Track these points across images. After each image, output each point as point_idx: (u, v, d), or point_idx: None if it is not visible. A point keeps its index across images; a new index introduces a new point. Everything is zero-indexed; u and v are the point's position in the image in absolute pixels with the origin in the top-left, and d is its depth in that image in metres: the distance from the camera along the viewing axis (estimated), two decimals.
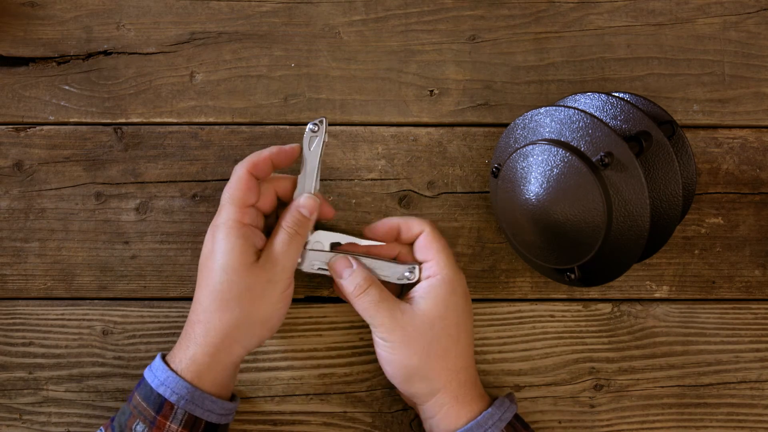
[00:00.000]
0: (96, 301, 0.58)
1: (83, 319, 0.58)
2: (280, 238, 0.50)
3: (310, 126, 0.52)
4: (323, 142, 0.52)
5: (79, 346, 0.57)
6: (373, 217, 0.59)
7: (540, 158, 0.49)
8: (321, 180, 0.58)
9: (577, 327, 0.58)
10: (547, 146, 0.49)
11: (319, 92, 0.59)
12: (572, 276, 0.52)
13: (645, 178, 0.47)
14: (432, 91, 0.59)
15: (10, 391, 0.57)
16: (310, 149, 0.52)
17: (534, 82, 0.60)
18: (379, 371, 0.57)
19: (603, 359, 0.58)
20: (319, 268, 0.52)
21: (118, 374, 0.57)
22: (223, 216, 0.49)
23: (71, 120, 0.59)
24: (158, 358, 0.49)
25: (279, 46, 0.60)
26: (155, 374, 0.48)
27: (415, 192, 0.59)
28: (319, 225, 0.54)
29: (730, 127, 0.60)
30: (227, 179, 0.58)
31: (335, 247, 0.53)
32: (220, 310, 0.48)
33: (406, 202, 0.59)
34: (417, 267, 0.52)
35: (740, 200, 0.59)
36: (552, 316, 0.58)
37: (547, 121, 0.51)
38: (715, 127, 0.60)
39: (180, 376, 0.48)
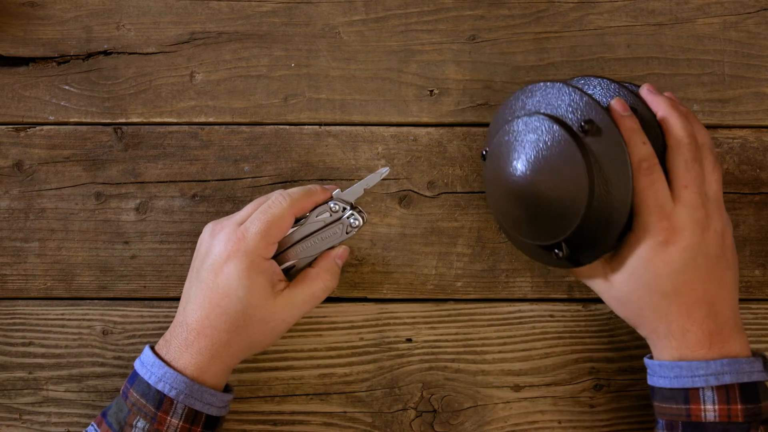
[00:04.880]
0: (96, 301, 0.58)
1: (83, 319, 0.58)
2: (318, 287, 0.51)
3: (331, 204, 0.51)
4: (346, 233, 0.51)
5: (79, 346, 0.57)
6: (373, 217, 0.59)
7: (522, 130, 0.50)
8: (321, 180, 0.58)
9: (577, 327, 0.58)
10: (528, 118, 0.49)
11: (319, 92, 0.59)
12: (560, 253, 0.51)
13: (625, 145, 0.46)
14: (432, 91, 0.59)
15: (10, 391, 0.57)
16: (316, 216, 0.51)
17: (534, 83, 0.59)
18: (379, 371, 0.57)
19: (603, 359, 0.58)
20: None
21: (118, 374, 0.57)
22: (250, 246, 0.48)
23: (71, 120, 0.59)
24: (149, 352, 0.49)
25: (279, 46, 0.60)
26: (150, 370, 0.48)
27: (415, 192, 0.59)
28: None
29: (730, 127, 0.60)
30: (227, 179, 0.59)
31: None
32: (230, 333, 0.48)
33: (406, 202, 0.59)
34: (348, 208, 0.51)
35: (740, 200, 0.59)
36: (552, 316, 0.58)
37: (528, 98, 0.51)
38: (715, 127, 0.60)
39: (178, 370, 0.48)
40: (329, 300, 0.58)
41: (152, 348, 0.50)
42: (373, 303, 0.58)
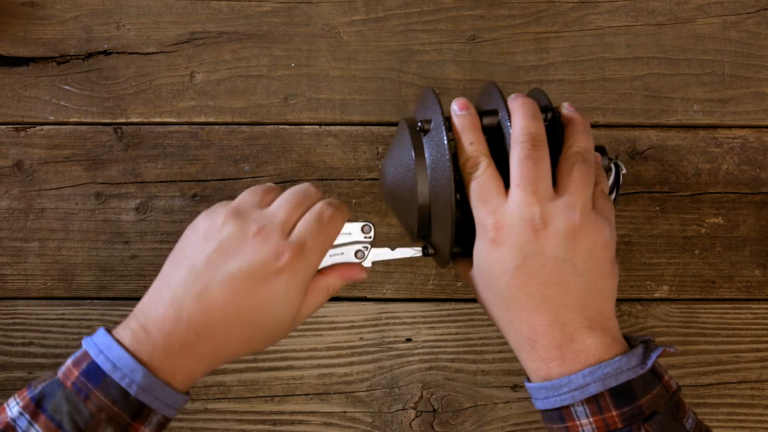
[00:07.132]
0: (96, 300, 0.58)
1: (83, 319, 0.58)
2: (318, 299, 0.47)
3: (364, 224, 0.48)
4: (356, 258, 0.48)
5: (78, 346, 0.57)
6: (373, 216, 0.59)
7: (396, 133, 0.51)
8: (321, 180, 0.58)
9: None
10: (400, 121, 0.50)
11: (319, 92, 0.59)
12: (427, 250, 0.51)
13: (449, 142, 0.46)
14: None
15: (10, 391, 0.57)
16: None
17: (534, 82, 0.60)
18: (379, 371, 0.57)
19: None
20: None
21: None
22: (307, 264, 0.44)
23: (71, 120, 0.59)
24: (133, 361, 0.42)
25: (279, 46, 0.60)
26: (130, 376, 0.41)
27: None
28: None
29: (730, 127, 0.60)
30: (227, 179, 0.59)
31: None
32: (241, 343, 0.44)
33: None
34: (370, 225, 0.48)
35: (740, 200, 0.59)
36: None
37: (418, 102, 0.52)
38: (715, 127, 0.60)
39: (164, 380, 0.42)
40: (330, 300, 0.58)
41: (122, 345, 0.43)
42: (373, 303, 0.58)
